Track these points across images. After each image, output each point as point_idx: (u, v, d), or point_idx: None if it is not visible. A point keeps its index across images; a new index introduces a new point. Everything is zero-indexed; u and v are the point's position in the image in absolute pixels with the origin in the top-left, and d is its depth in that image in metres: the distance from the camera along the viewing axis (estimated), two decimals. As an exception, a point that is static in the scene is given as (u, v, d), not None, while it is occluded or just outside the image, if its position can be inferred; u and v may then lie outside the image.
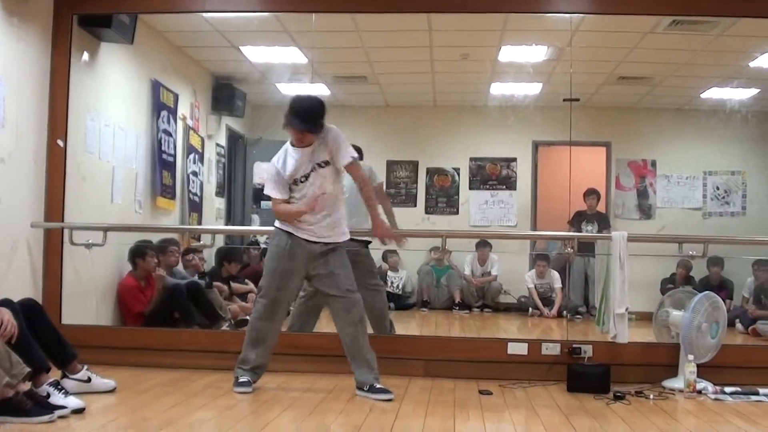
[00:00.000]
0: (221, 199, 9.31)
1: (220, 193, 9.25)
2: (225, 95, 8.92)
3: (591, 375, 4.94)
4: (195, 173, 8.26)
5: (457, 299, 9.57)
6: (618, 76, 8.63)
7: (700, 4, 5.56)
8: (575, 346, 5.27)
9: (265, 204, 9.50)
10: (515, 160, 10.21)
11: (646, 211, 9.98)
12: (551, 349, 5.31)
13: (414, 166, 10.31)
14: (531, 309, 9.23)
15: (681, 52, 7.67)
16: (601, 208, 9.52)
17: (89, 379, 4.36)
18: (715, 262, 8.51)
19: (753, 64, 8.04)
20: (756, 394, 4.79)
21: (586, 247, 8.50)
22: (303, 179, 4.62)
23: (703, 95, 9.36)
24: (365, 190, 4.83)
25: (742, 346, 6.60)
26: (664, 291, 7.92)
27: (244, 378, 4.67)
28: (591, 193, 9.20)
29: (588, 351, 5.23)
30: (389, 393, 4.53)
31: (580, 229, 8.74)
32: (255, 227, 9.02)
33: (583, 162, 9.18)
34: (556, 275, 9.22)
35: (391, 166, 10.20)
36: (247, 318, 5.89)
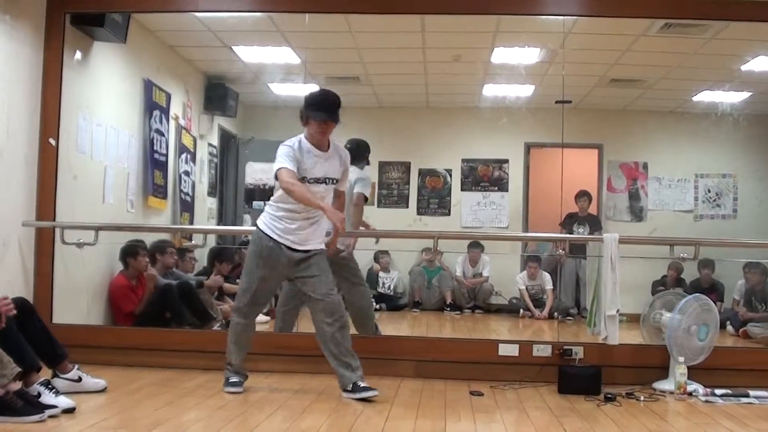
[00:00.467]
0: (213, 199, 9.30)
1: (212, 193, 9.24)
2: (217, 95, 8.90)
3: (582, 376, 4.95)
4: (187, 173, 8.25)
5: (449, 300, 9.57)
6: (610, 78, 8.66)
7: (691, 7, 5.57)
8: (566, 347, 5.28)
9: (257, 204, 9.57)
10: (507, 161, 10.23)
11: (637, 214, 10.00)
12: (542, 351, 5.31)
13: (406, 167, 10.31)
14: (522, 310, 9.22)
15: (673, 55, 7.69)
16: (593, 210, 9.54)
17: (80, 379, 4.35)
18: (706, 264, 8.53)
19: (744, 67, 8.08)
20: (746, 396, 4.80)
21: (577, 249, 8.54)
22: (311, 180, 4.60)
23: (695, 98, 9.39)
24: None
25: (732, 348, 6.60)
26: (655, 293, 7.90)
27: (234, 378, 4.68)
28: (582, 195, 9.22)
29: (579, 352, 5.24)
30: (373, 390, 4.50)
31: (571, 231, 8.74)
32: (247, 227, 8.97)
33: (575, 164, 9.16)
34: (547, 277, 9.22)
35: (384, 167, 10.20)
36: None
